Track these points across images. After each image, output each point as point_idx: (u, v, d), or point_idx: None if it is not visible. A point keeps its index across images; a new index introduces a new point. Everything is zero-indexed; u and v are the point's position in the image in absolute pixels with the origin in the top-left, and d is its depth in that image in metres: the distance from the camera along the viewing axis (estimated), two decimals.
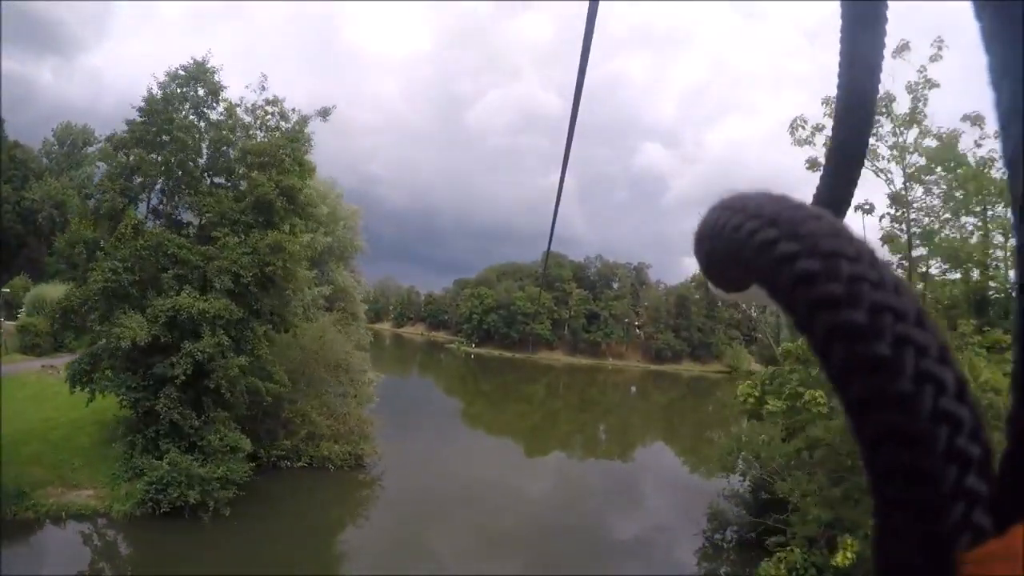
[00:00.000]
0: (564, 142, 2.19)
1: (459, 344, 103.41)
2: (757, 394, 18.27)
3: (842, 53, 0.57)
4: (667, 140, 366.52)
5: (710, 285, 0.52)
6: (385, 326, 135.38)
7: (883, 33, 0.57)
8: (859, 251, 0.34)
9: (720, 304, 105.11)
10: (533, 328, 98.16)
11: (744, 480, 21.07)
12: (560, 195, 2.66)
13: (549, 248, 4.13)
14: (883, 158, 15.94)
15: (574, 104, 1.77)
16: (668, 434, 44.93)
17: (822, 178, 0.64)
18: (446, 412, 43.22)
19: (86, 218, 20.63)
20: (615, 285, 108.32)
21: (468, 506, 23.38)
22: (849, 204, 0.65)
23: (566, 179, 2.53)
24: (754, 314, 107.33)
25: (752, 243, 0.38)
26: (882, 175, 15.90)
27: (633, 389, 76.23)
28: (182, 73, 21.01)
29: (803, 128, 17.04)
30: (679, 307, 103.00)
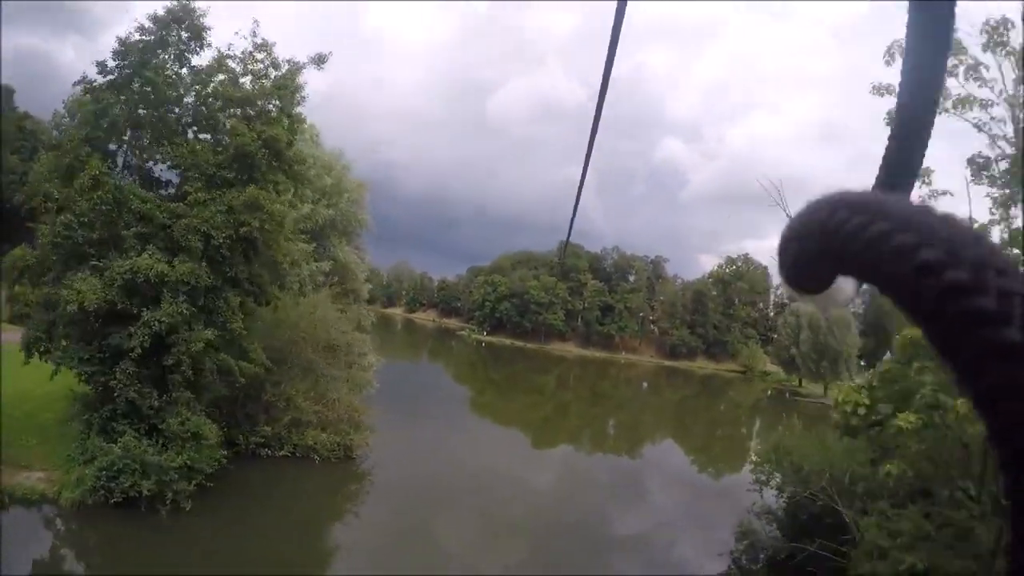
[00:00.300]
0: (585, 133, 2.22)
1: (470, 332, 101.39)
2: (867, 402, 13.87)
3: (909, 20, 0.55)
4: (688, 135, 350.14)
5: (785, 285, 0.52)
6: (397, 311, 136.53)
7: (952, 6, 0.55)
8: (977, 239, 0.34)
9: (737, 302, 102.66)
10: (546, 318, 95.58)
11: (779, 495, 18.14)
12: (582, 185, 2.57)
13: (568, 237, 4.21)
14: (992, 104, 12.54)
15: (600, 97, 1.79)
16: (678, 432, 42.87)
17: (885, 156, 0.62)
18: (454, 400, 41.64)
19: (51, 171, 18.18)
20: (631, 278, 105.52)
21: (475, 495, 22.01)
22: (914, 182, 0.65)
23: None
24: (771, 313, 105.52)
25: (862, 237, 0.37)
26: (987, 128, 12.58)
27: (645, 385, 73.88)
28: (162, 14, 18.55)
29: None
30: (696, 303, 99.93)
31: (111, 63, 18.13)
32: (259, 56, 19.26)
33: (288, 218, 21.41)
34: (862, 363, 68.54)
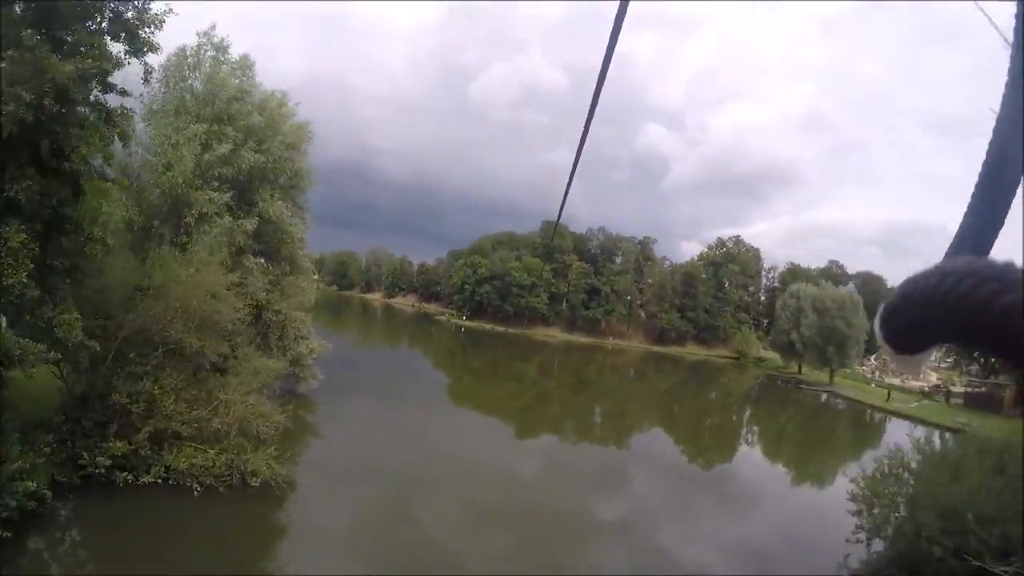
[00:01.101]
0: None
1: (449, 316, 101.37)
2: None
3: (1011, 66, 0.56)
4: (671, 122, 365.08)
5: (887, 349, 0.54)
6: (376, 296, 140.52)
7: None
8: None
9: (727, 285, 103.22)
10: (529, 301, 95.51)
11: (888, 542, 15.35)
12: (576, 164, 2.52)
13: (560, 215, 3.93)
14: None
15: (599, 79, 1.83)
16: (666, 421, 43.32)
17: (967, 213, 0.63)
18: (431, 387, 41.76)
19: None
20: (618, 260, 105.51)
21: (455, 483, 22.00)
22: (995, 239, 0.65)
23: (568, 156, 2.58)
24: (762, 297, 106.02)
25: (973, 298, 0.40)
26: None
27: (632, 372, 74.42)
28: None
29: None
30: (686, 286, 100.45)
31: None
32: None
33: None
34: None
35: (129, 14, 14.85)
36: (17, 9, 13.47)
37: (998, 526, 11.74)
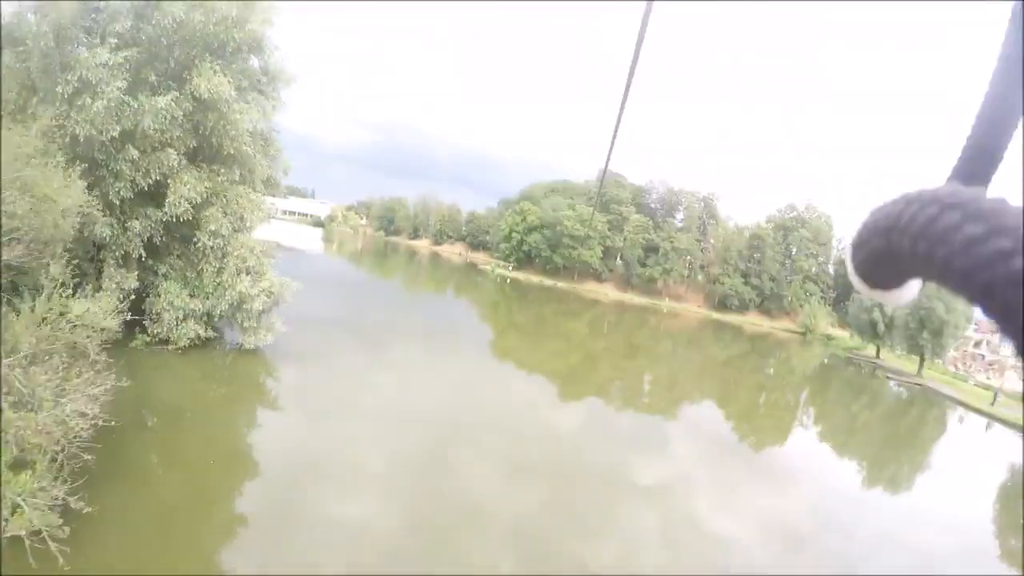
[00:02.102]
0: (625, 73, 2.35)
1: (494, 266, 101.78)
2: None
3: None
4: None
5: (856, 281, 0.55)
6: (423, 243, 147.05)
7: None
8: None
9: (796, 252, 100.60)
10: (581, 254, 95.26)
11: None
12: (624, 103, 2.56)
13: (608, 162, 3.70)
14: None
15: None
16: (720, 395, 43.19)
17: (965, 147, 0.65)
18: (471, 341, 42.48)
19: None
20: (679, 216, 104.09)
21: (492, 437, 22.66)
22: (993, 175, 0.67)
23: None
24: (832, 270, 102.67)
25: (932, 230, 0.40)
26: None
27: (687, 339, 74.03)
28: None
29: None
30: (752, 249, 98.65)
31: None
32: None
33: None
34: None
35: None
36: None
37: None
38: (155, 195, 20.73)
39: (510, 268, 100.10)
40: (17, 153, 14.27)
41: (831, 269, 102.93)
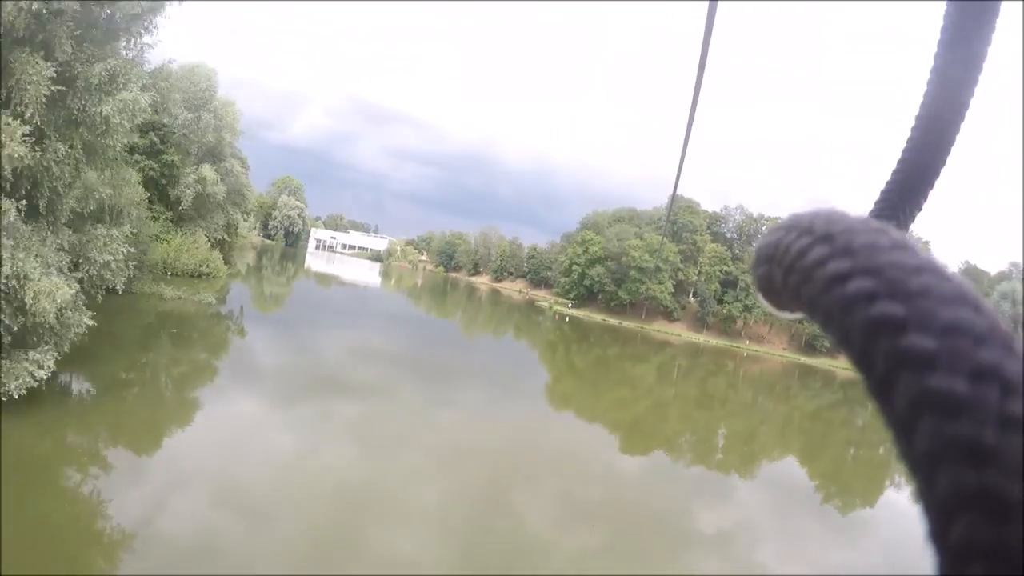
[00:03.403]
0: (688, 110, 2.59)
1: (552, 304, 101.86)
2: None
3: (938, 52, 0.60)
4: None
5: (763, 302, 0.54)
6: (483, 279, 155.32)
7: (990, 35, 0.59)
8: (925, 264, 0.34)
9: None
10: (649, 288, 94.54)
11: None
12: (692, 120, 2.73)
13: (678, 180, 3.64)
14: None
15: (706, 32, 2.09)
16: (805, 451, 42.27)
17: (885, 187, 0.67)
18: (525, 387, 42.96)
19: None
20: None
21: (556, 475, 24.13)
22: (913, 219, 0.68)
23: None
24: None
25: (802, 262, 0.39)
26: None
27: (769, 387, 72.49)
28: None
29: None
30: None
31: None
32: None
33: None
34: None
35: None
36: None
37: None
38: None
39: (569, 305, 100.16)
40: None
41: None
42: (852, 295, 0.34)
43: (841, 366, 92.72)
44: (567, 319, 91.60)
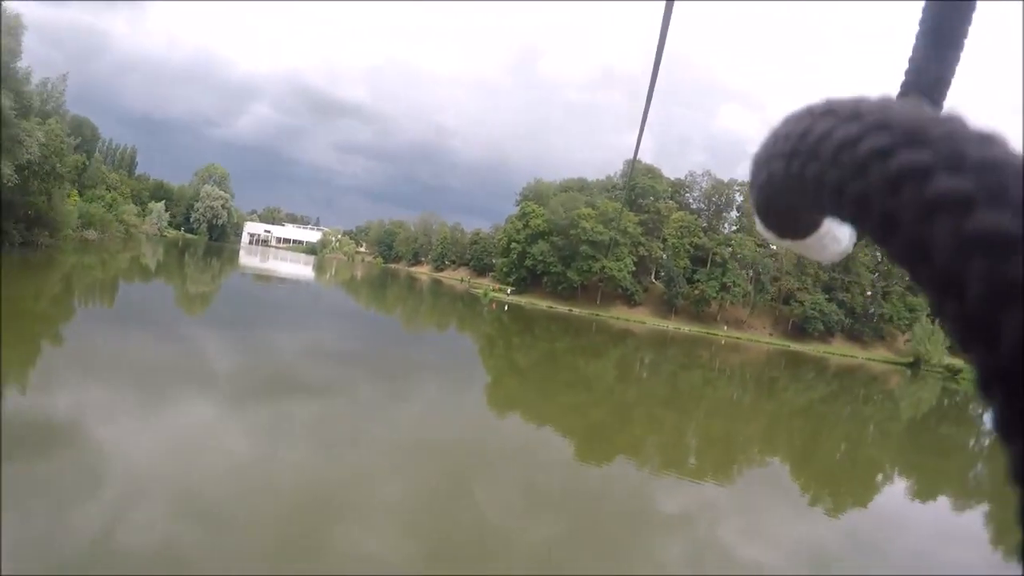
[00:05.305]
0: (641, 98, 3.10)
1: (485, 291, 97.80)
2: None
3: (915, 47, 0.65)
4: (750, 103, 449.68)
5: (761, 228, 0.54)
6: (424, 270, 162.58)
7: (965, 33, 0.64)
8: (987, 136, 0.33)
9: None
10: (605, 267, 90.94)
11: None
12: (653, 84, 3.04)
13: (641, 134, 3.96)
14: None
15: (660, 39, 2.52)
16: (799, 457, 38.88)
17: (911, 59, 0.69)
18: (470, 387, 39.00)
19: None
20: (733, 214, 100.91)
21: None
22: (948, 87, 0.70)
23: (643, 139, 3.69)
24: None
25: (827, 146, 0.38)
26: None
27: (753, 380, 69.87)
28: None
29: None
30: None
31: None
32: None
33: None
34: None
35: None
36: None
37: None
38: None
39: (508, 291, 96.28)
40: None
41: None
42: (897, 171, 0.33)
43: (834, 351, 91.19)
44: (506, 308, 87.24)
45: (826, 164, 0.38)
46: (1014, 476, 0.27)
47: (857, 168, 0.35)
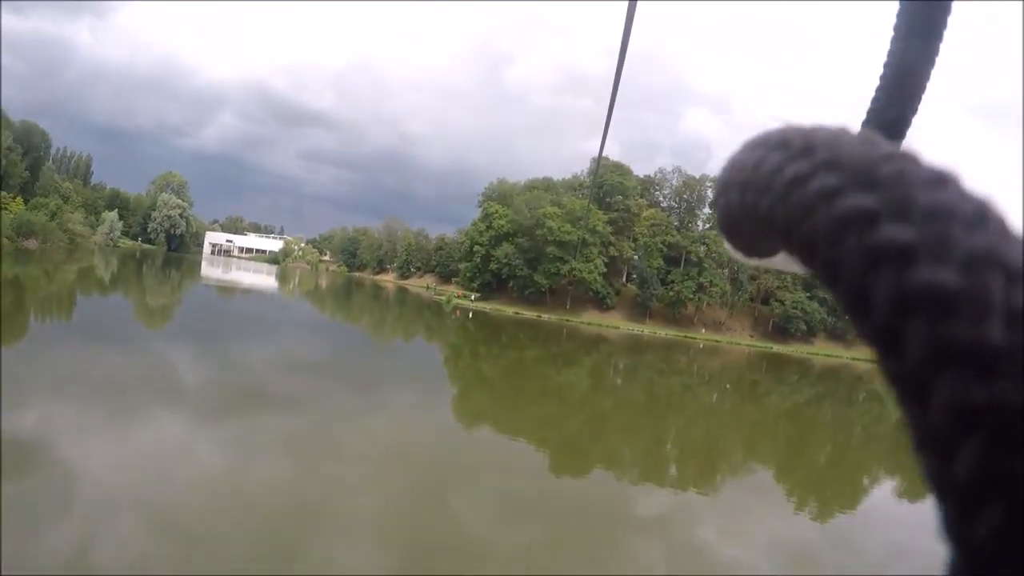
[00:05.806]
0: (608, 104, 3.12)
1: (448, 297, 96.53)
2: None
3: (891, 50, 0.67)
4: (716, 107, 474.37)
5: (728, 247, 0.54)
6: (388, 278, 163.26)
7: (941, 33, 0.65)
8: (939, 177, 0.33)
9: None
10: (574, 269, 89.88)
11: None
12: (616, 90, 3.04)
13: (602, 148, 4.05)
14: None
15: (623, 38, 2.44)
16: (785, 463, 38.06)
17: (874, 97, 0.70)
18: (425, 402, 37.45)
19: None
20: (706, 211, 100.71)
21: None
22: (908, 125, 0.71)
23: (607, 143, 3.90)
24: None
25: (778, 181, 0.38)
26: None
27: (734, 384, 69.23)
28: None
29: None
30: None
31: None
32: None
33: None
34: None
35: None
36: None
37: None
38: None
39: (472, 297, 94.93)
40: None
41: None
42: (844, 215, 0.33)
43: (818, 351, 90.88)
44: (470, 314, 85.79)
45: (776, 200, 0.38)
46: (945, 531, 0.29)
47: (805, 209, 0.35)
